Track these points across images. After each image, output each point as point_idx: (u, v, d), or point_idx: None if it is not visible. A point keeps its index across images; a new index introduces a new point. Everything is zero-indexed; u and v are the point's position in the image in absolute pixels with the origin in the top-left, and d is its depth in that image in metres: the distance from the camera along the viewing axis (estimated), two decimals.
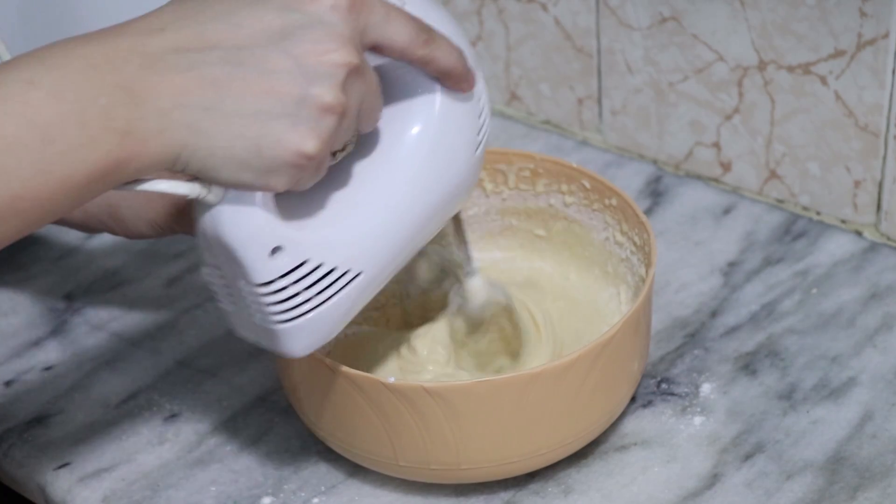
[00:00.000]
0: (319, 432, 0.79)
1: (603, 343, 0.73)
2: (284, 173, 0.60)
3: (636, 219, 0.82)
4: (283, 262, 0.64)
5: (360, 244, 0.67)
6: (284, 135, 0.59)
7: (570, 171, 0.87)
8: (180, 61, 0.58)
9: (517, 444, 0.74)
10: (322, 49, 0.59)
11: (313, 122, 0.59)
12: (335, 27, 0.60)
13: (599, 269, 0.87)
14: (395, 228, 0.69)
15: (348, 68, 0.60)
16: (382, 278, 0.70)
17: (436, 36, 0.65)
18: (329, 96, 0.59)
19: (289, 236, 0.64)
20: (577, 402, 0.74)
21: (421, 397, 0.71)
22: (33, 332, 0.91)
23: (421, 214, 0.70)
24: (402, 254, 0.70)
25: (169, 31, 0.58)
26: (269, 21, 0.59)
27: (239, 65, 0.58)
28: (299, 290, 0.65)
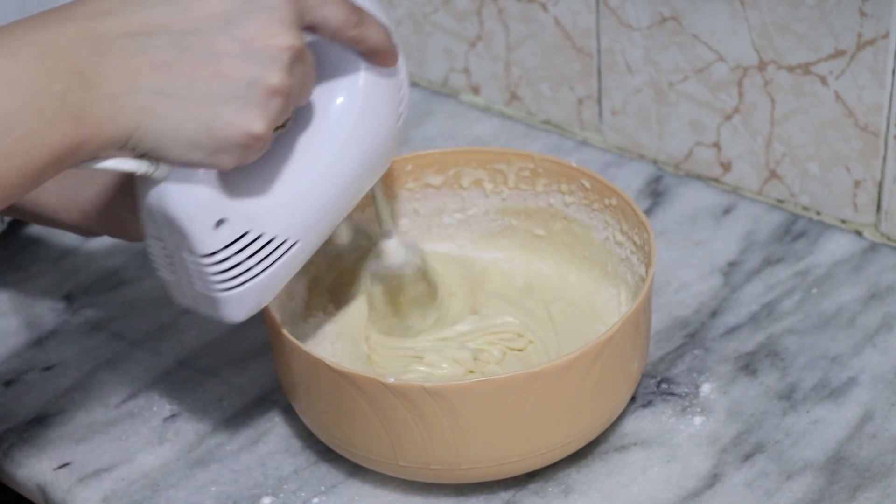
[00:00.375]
0: (319, 432, 0.79)
1: (602, 343, 0.73)
2: (233, 152, 0.63)
3: (636, 218, 0.82)
4: (226, 233, 0.67)
5: (296, 213, 0.70)
6: (234, 117, 0.61)
7: (570, 171, 0.87)
8: (129, 45, 0.59)
9: (517, 443, 0.74)
10: (268, 33, 0.61)
11: (261, 104, 0.62)
12: (278, 11, 0.62)
13: (599, 269, 0.87)
14: (326, 196, 0.72)
15: (292, 51, 0.62)
16: (315, 244, 0.73)
17: (366, 16, 0.68)
18: (276, 79, 0.62)
19: (232, 209, 0.67)
20: (576, 401, 0.74)
21: (420, 397, 0.71)
22: (33, 332, 0.91)
23: (349, 182, 0.73)
24: (332, 220, 0.74)
25: (116, 14, 0.60)
26: (214, 5, 0.61)
27: (188, 49, 0.60)
28: (241, 259, 0.68)
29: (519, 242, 0.91)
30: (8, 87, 0.56)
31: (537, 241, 0.90)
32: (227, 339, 0.89)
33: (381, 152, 0.75)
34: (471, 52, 1.11)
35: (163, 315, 0.92)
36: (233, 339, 0.89)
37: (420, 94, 1.15)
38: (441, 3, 1.10)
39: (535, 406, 0.72)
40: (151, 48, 0.60)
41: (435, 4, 1.11)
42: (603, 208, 0.85)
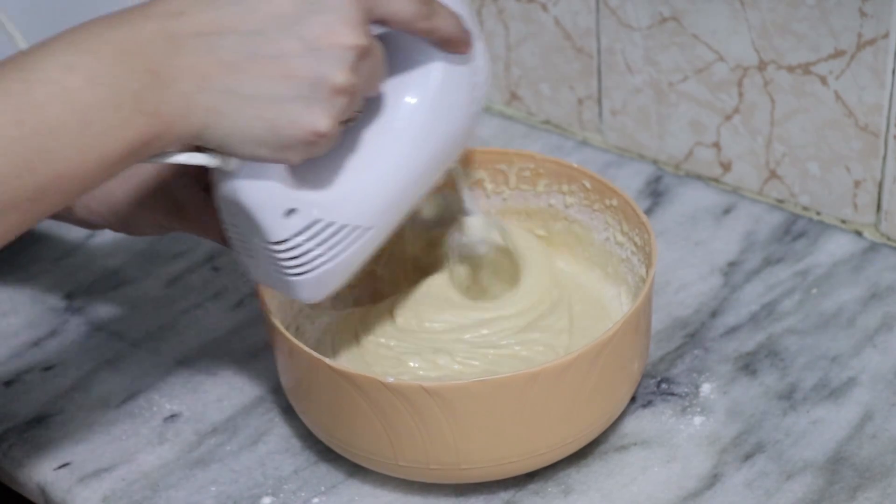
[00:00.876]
0: (318, 433, 0.79)
1: (603, 343, 0.73)
2: (299, 149, 0.64)
3: (637, 219, 0.82)
4: (296, 222, 0.68)
5: (367, 201, 0.71)
6: (299, 116, 0.63)
7: (571, 172, 0.87)
8: (200, 45, 0.61)
9: (516, 443, 0.74)
10: (333, 32, 0.62)
11: (326, 102, 0.63)
12: (344, 10, 0.63)
13: (600, 269, 0.87)
14: (399, 185, 0.72)
15: (357, 50, 0.63)
16: (387, 231, 0.74)
17: (436, 6, 0.69)
18: (341, 78, 0.63)
19: (301, 198, 0.68)
20: (576, 401, 0.74)
21: (420, 396, 0.71)
22: (33, 332, 0.91)
23: (422, 170, 0.73)
24: (405, 207, 0.74)
25: (189, 14, 0.61)
26: (281, 5, 0.62)
27: (255, 49, 0.62)
28: (312, 246, 0.69)
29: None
30: (90, 83, 0.58)
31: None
32: (228, 340, 0.89)
33: (455, 137, 0.75)
34: None
35: (163, 315, 0.92)
36: (233, 340, 0.89)
37: None
38: None
39: (534, 406, 0.72)
40: (220, 48, 0.61)
41: None
42: (604, 209, 0.85)
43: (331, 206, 0.69)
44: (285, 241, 0.68)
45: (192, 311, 0.92)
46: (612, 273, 0.86)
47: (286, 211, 0.68)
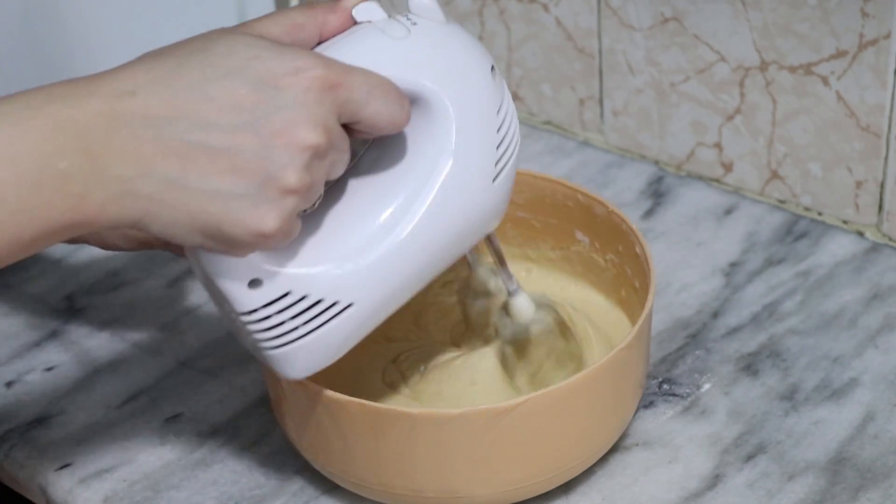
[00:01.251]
0: (308, 456, 0.78)
1: (578, 387, 0.71)
2: (246, 246, 0.61)
3: (641, 267, 0.80)
4: (263, 293, 0.64)
5: (350, 276, 0.66)
6: (244, 214, 0.59)
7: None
8: (147, 129, 0.57)
9: (507, 473, 0.73)
10: (290, 131, 0.59)
11: (275, 202, 0.59)
12: (307, 108, 0.59)
13: (615, 296, 0.86)
14: (393, 260, 0.67)
15: (313, 151, 0.60)
16: (384, 308, 0.69)
17: (406, 108, 0.64)
18: (293, 179, 0.59)
19: (267, 269, 0.64)
20: (567, 432, 0.73)
21: (407, 423, 0.70)
22: (34, 332, 0.91)
23: (425, 246, 0.68)
24: (406, 285, 0.69)
25: (140, 95, 0.58)
26: (242, 95, 0.59)
27: (206, 139, 0.58)
28: (284, 319, 0.65)
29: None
30: (7, 158, 0.55)
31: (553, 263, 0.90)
32: (229, 340, 0.89)
33: (470, 214, 0.68)
34: None
35: (164, 316, 0.92)
36: (234, 340, 0.89)
37: None
38: (442, 3, 1.10)
39: (521, 436, 0.71)
40: (169, 134, 0.58)
41: None
42: (612, 255, 0.85)
43: (303, 279, 0.65)
44: (252, 311, 0.65)
45: (193, 312, 0.92)
46: (626, 298, 0.84)
47: (250, 281, 0.64)
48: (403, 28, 0.66)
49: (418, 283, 0.69)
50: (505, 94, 0.69)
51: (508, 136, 0.69)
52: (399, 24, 0.66)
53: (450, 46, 0.67)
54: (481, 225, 0.70)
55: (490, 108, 0.68)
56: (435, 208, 0.67)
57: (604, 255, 0.84)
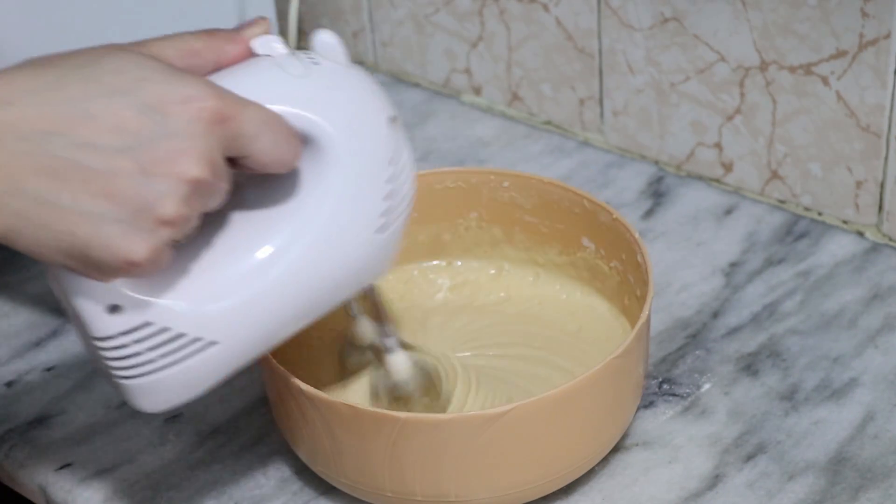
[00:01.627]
0: (298, 454, 0.78)
1: (572, 393, 0.71)
2: (112, 273, 0.59)
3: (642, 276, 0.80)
4: (122, 321, 0.62)
5: (216, 313, 0.64)
6: (114, 241, 0.57)
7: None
8: (20, 143, 0.55)
9: (503, 478, 0.73)
10: (172, 161, 0.57)
11: (147, 232, 0.57)
12: (191, 139, 0.57)
13: (619, 304, 0.86)
14: (264, 302, 0.65)
15: (194, 184, 0.58)
16: (251, 349, 0.66)
17: (295, 146, 0.62)
18: (169, 210, 0.57)
19: (129, 297, 0.62)
20: (561, 438, 0.73)
21: (397, 426, 0.70)
22: (34, 332, 0.91)
23: (300, 291, 0.66)
24: (277, 328, 0.66)
25: (17, 106, 0.55)
26: (125, 118, 0.56)
27: (82, 159, 0.56)
28: (141, 349, 0.63)
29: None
30: None
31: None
32: None
33: (349, 263, 0.67)
34: (472, 52, 1.11)
35: None
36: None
37: (421, 95, 1.15)
38: (442, 3, 1.10)
39: (513, 442, 0.71)
40: (43, 150, 0.55)
41: (436, 5, 1.11)
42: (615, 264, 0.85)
43: (166, 311, 0.62)
44: (109, 338, 0.62)
45: None
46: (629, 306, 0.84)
47: (111, 307, 0.61)
48: (303, 66, 0.64)
49: (290, 328, 0.67)
50: (403, 147, 0.67)
51: (400, 189, 0.67)
52: (298, 62, 0.64)
53: (348, 90, 0.66)
54: (361, 276, 0.69)
55: (382, 156, 0.66)
56: (312, 253, 0.65)
57: (608, 262, 0.84)
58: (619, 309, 0.85)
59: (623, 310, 0.84)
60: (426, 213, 0.87)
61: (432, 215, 0.88)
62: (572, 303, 0.87)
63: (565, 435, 0.73)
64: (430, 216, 0.88)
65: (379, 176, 0.66)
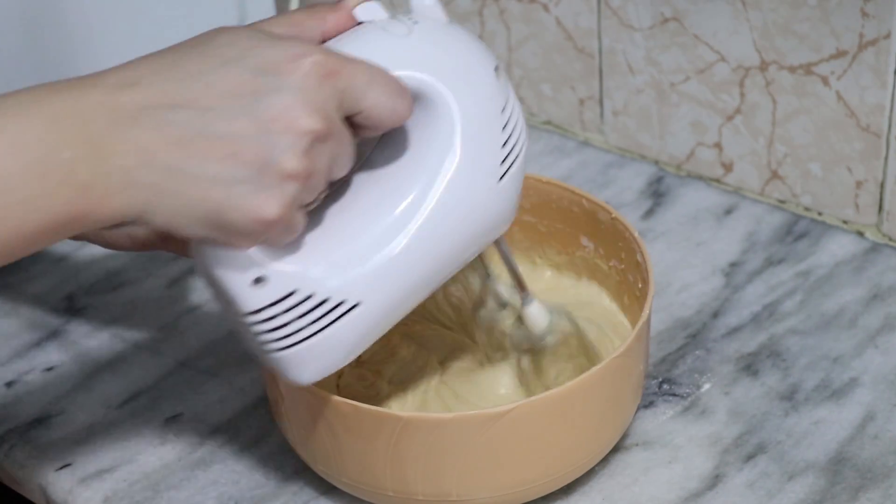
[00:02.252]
0: (295, 447, 0.78)
1: (573, 393, 0.71)
2: (249, 235, 0.60)
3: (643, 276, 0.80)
4: (268, 292, 0.63)
5: (356, 275, 0.65)
6: (246, 200, 0.59)
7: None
8: (148, 119, 0.57)
9: (506, 476, 0.73)
10: (289, 116, 0.59)
11: (275, 188, 0.59)
12: (306, 94, 0.59)
13: (619, 302, 0.86)
14: (400, 261, 0.66)
15: (313, 136, 0.59)
16: (394, 309, 0.68)
17: (408, 98, 0.63)
18: (292, 163, 0.59)
19: (273, 267, 0.63)
20: (561, 438, 0.73)
21: (399, 426, 0.70)
22: (34, 332, 0.91)
23: (433, 247, 0.67)
24: (415, 286, 0.68)
25: (142, 86, 0.58)
26: (241, 82, 0.59)
27: (205, 126, 0.58)
28: (289, 319, 0.64)
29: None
30: (12, 147, 0.55)
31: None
32: (229, 340, 0.89)
33: (477, 214, 0.68)
34: None
35: (164, 316, 0.92)
36: (234, 340, 0.89)
37: None
38: (442, 3, 1.10)
39: (515, 441, 0.71)
40: (169, 123, 0.58)
41: None
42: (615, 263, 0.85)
43: (308, 278, 0.64)
44: (257, 311, 0.64)
45: (193, 312, 0.92)
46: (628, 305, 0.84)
47: (254, 279, 0.63)
48: (405, 27, 0.66)
49: (427, 286, 0.69)
50: (510, 94, 0.69)
51: (514, 135, 0.68)
52: (401, 23, 0.66)
53: (453, 45, 0.67)
54: (490, 226, 0.70)
55: (495, 106, 0.67)
56: (442, 208, 0.67)
57: (607, 261, 0.84)
58: (620, 307, 0.85)
59: (623, 308, 0.84)
60: None
61: None
62: (571, 302, 0.87)
63: (565, 434, 0.73)
64: None
65: (495, 125, 0.67)
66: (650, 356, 0.84)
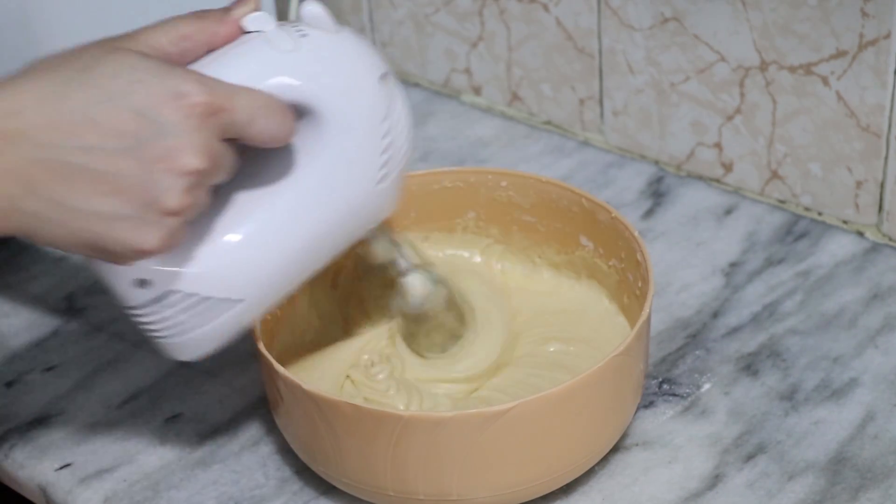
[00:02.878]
0: (294, 447, 0.78)
1: (572, 392, 0.71)
2: (129, 260, 0.64)
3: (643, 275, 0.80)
4: (150, 292, 0.67)
5: (238, 274, 0.69)
6: (126, 235, 0.62)
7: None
8: (33, 149, 0.60)
9: (506, 475, 0.73)
10: (172, 157, 0.61)
11: (156, 223, 0.62)
12: (186, 134, 0.61)
13: (619, 302, 0.85)
14: (279, 257, 0.70)
15: (195, 175, 0.62)
16: (273, 297, 0.72)
17: (290, 119, 0.66)
18: (174, 202, 0.62)
19: (154, 271, 0.67)
20: (558, 437, 0.73)
21: (399, 425, 0.70)
22: (34, 332, 0.91)
23: (309, 243, 0.71)
24: (293, 277, 0.72)
25: (27, 114, 0.60)
26: (125, 121, 0.60)
27: (89, 162, 0.60)
28: (171, 314, 0.68)
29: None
30: None
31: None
32: None
33: (353, 213, 0.72)
34: (472, 52, 1.11)
35: None
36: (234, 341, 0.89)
37: (421, 95, 1.15)
38: (442, 3, 1.10)
39: (515, 440, 0.71)
40: (54, 155, 0.60)
41: (436, 5, 1.11)
42: (614, 262, 0.85)
43: (189, 278, 0.68)
44: (140, 307, 0.68)
45: None
46: (628, 305, 0.84)
47: (136, 281, 0.67)
48: (291, 40, 0.67)
49: (304, 274, 0.73)
50: (396, 99, 0.71)
51: (396, 142, 0.71)
52: (287, 36, 0.68)
53: (337, 56, 0.69)
54: (367, 220, 0.74)
55: (376, 115, 0.70)
56: (317, 210, 0.70)
57: (607, 260, 0.84)
58: (619, 307, 0.85)
59: (622, 308, 0.84)
60: (424, 213, 0.88)
61: (430, 215, 0.88)
62: (571, 301, 0.87)
63: (565, 434, 0.73)
64: (428, 216, 0.88)
65: (375, 133, 0.70)
66: (650, 356, 0.84)
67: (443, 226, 0.89)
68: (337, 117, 0.69)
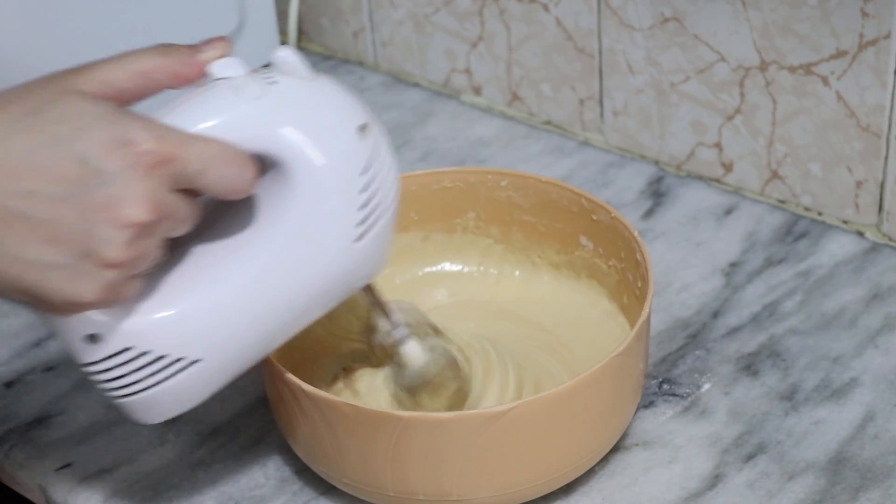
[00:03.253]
0: (295, 449, 0.78)
1: (574, 390, 0.71)
2: (67, 312, 0.61)
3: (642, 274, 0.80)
4: (101, 348, 0.64)
5: (196, 332, 0.65)
6: (62, 285, 0.59)
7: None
8: None
9: (506, 476, 0.72)
10: (113, 207, 0.59)
11: (93, 275, 0.60)
12: (129, 184, 0.59)
13: (618, 302, 0.86)
14: (241, 317, 0.66)
15: (138, 227, 0.59)
16: (237, 362, 0.67)
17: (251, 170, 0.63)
18: (113, 254, 0.59)
19: (107, 324, 0.63)
20: (556, 438, 0.73)
21: (399, 425, 0.69)
22: (34, 332, 0.91)
23: (279, 304, 0.67)
24: (261, 340, 0.67)
25: None
26: (67, 167, 0.58)
27: (27, 208, 0.58)
28: (126, 372, 0.65)
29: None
30: None
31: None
32: None
33: (330, 272, 0.67)
34: (472, 52, 1.11)
35: None
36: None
37: (421, 95, 1.15)
38: (442, 3, 1.10)
39: (514, 441, 0.71)
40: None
41: (436, 5, 1.11)
42: (609, 267, 0.85)
43: (145, 334, 0.64)
44: (92, 364, 0.65)
45: None
46: (628, 305, 0.84)
47: (87, 336, 0.63)
48: (259, 87, 0.64)
49: (277, 338, 0.68)
50: (379, 153, 0.67)
51: (378, 196, 0.67)
52: (255, 83, 0.64)
53: (308, 105, 0.65)
54: (347, 282, 0.69)
55: (352, 168, 0.66)
56: (286, 268, 0.66)
57: (607, 260, 0.84)
58: (619, 307, 0.85)
59: (622, 308, 0.84)
60: (424, 213, 0.88)
61: (430, 215, 0.88)
62: (571, 302, 0.87)
63: (565, 434, 0.73)
64: (428, 216, 0.88)
65: (351, 187, 0.66)
66: (650, 356, 0.84)
67: (442, 226, 0.89)
68: (306, 169, 0.64)
